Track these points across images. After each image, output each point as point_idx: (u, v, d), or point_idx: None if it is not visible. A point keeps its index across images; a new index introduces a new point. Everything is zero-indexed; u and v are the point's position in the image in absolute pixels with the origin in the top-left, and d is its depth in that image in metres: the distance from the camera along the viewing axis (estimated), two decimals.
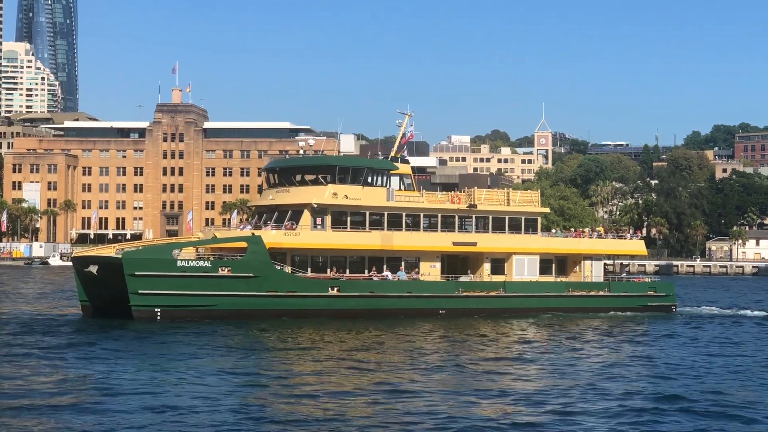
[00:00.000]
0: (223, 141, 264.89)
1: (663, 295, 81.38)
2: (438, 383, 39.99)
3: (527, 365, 46.24)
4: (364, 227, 70.92)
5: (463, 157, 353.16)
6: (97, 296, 67.42)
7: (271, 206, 71.77)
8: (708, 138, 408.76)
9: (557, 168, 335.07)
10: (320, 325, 62.53)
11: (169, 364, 43.81)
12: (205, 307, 64.63)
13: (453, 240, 74.11)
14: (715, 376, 43.46)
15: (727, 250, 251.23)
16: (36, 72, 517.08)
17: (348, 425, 31.24)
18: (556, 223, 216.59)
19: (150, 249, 68.59)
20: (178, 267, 63.82)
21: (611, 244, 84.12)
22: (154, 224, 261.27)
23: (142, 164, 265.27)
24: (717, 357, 50.77)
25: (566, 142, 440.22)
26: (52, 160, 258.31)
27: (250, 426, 31.02)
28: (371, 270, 71.27)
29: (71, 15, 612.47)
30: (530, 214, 78.39)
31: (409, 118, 79.61)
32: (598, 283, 79.23)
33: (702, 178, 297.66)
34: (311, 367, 44.17)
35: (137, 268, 63.06)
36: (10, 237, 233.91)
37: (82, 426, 30.64)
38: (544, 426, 31.93)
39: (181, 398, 35.49)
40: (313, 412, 33.24)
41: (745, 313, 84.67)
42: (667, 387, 40.16)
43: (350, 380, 40.09)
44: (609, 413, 34.02)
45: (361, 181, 71.33)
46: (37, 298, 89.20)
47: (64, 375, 40.71)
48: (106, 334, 56.91)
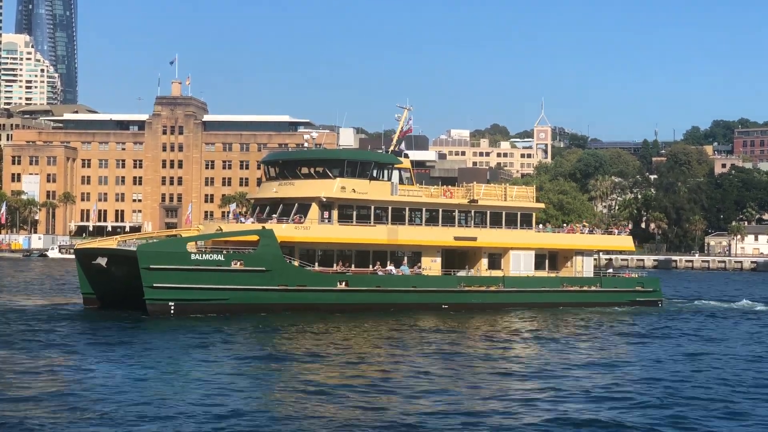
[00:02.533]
0: (223, 134, 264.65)
1: (650, 290, 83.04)
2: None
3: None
4: (369, 221, 70.74)
5: (463, 151, 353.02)
6: (104, 289, 66.51)
7: (275, 199, 70.81)
8: (707, 133, 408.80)
9: (556, 162, 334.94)
10: (338, 321, 61.46)
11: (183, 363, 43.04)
12: (218, 302, 63.35)
13: (454, 235, 74.30)
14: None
15: (725, 246, 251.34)
16: (35, 64, 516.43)
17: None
18: (555, 217, 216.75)
19: (165, 242, 67.49)
20: (192, 260, 62.38)
21: (600, 239, 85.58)
22: (153, 217, 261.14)
23: (142, 157, 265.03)
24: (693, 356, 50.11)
25: (565, 136, 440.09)
26: (52, 153, 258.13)
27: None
28: (375, 264, 71.09)
29: (71, 7, 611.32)
30: (526, 210, 79.10)
31: (408, 112, 79.67)
32: (590, 279, 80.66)
33: (701, 173, 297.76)
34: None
35: (153, 262, 61.39)
36: (9, 229, 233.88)
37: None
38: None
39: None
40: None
41: (733, 305, 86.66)
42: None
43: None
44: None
45: (368, 175, 70.87)
46: (52, 290, 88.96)
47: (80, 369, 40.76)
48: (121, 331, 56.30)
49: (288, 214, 68.57)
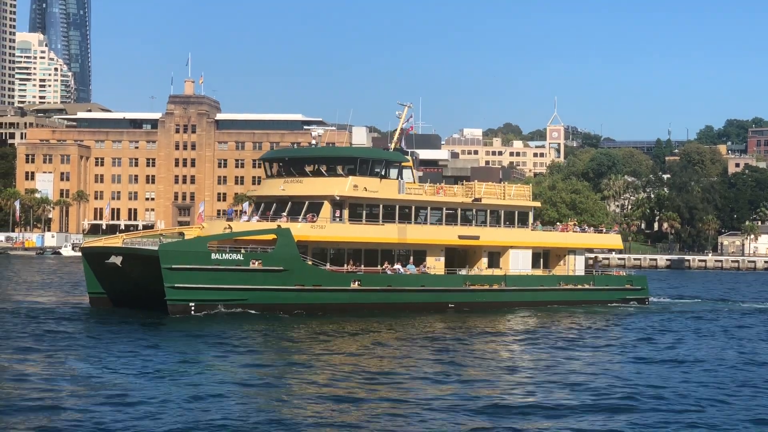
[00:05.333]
0: (236, 132, 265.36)
1: (638, 288, 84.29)
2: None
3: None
4: (377, 220, 70.32)
5: (475, 150, 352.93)
6: (116, 288, 65.51)
7: (282, 197, 69.06)
8: (721, 132, 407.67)
9: (569, 162, 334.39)
10: (365, 323, 59.98)
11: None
12: (237, 302, 62.40)
13: (459, 233, 74.31)
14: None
15: (739, 245, 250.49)
16: (49, 63, 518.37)
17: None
18: (568, 217, 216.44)
19: (186, 242, 66.41)
20: (212, 260, 61.26)
21: (590, 238, 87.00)
22: (166, 215, 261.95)
23: (155, 155, 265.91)
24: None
25: (578, 135, 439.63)
26: (65, 151, 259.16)
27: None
28: (383, 263, 70.62)
29: (84, 6, 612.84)
30: (523, 208, 79.61)
31: (408, 110, 79.36)
32: (585, 277, 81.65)
33: (714, 172, 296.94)
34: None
35: (174, 261, 60.15)
36: (22, 227, 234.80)
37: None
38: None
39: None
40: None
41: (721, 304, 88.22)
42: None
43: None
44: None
45: (378, 174, 70.26)
46: (67, 289, 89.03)
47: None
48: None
49: (297, 213, 67.42)
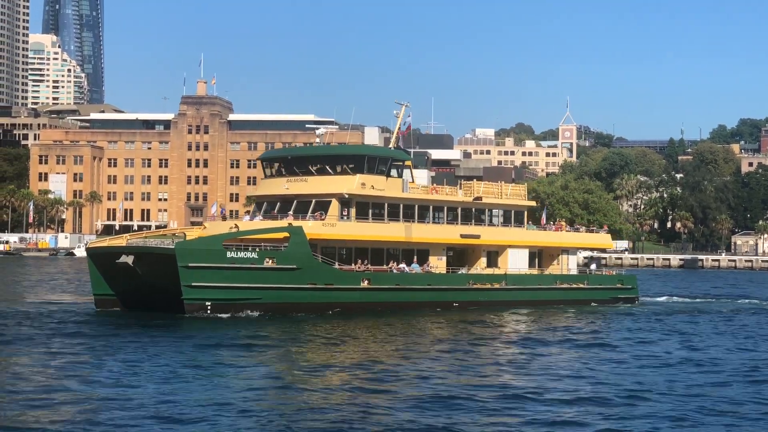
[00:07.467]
0: (248, 133, 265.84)
1: (629, 287, 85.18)
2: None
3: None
4: (383, 218, 70.14)
5: (488, 150, 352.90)
6: (127, 288, 64.05)
7: (287, 196, 68.54)
8: (734, 132, 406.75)
9: (582, 161, 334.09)
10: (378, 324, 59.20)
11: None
12: (251, 301, 61.85)
13: (461, 232, 74.47)
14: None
15: (752, 245, 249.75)
16: (62, 64, 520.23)
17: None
18: (580, 216, 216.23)
19: (202, 240, 65.18)
20: (228, 258, 60.64)
21: (582, 237, 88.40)
22: (179, 216, 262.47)
23: (167, 156, 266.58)
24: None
25: (591, 135, 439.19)
26: (78, 152, 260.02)
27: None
28: (389, 262, 70.65)
29: (97, 7, 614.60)
30: (520, 208, 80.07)
31: (406, 109, 79.42)
32: (579, 276, 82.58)
33: (728, 171, 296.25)
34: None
35: (191, 260, 59.42)
36: (36, 228, 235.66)
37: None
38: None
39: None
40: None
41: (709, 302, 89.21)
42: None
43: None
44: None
45: (384, 172, 70.17)
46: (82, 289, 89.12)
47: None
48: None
49: (303, 211, 66.89)
